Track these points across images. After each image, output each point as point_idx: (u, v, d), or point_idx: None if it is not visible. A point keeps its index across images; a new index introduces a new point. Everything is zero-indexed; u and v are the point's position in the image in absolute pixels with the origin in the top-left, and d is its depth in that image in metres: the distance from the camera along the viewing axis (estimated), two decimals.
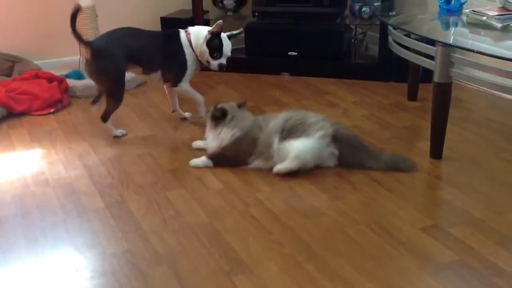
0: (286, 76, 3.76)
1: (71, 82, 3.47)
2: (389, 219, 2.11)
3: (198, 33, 2.87)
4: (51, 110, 3.22)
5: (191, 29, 2.91)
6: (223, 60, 2.85)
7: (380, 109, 3.15)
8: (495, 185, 2.33)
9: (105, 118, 2.82)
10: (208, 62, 2.86)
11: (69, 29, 3.65)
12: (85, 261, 1.93)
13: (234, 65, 3.83)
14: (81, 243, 2.02)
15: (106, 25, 3.78)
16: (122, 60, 2.77)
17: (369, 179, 2.39)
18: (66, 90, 3.40)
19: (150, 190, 2.37)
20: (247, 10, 4.01)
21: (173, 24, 3.86)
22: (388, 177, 2.40)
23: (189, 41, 2.87)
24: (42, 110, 3.21)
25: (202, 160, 2.55)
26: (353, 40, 4.03)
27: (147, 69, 2.88)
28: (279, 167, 2.43)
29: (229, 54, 2.87)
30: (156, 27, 3.92)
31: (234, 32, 2.92)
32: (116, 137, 2.86)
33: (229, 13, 4.05)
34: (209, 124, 2.56)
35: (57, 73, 3.52)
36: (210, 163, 2.53)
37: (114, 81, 2.79)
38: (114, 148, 2.77)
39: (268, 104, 3.27)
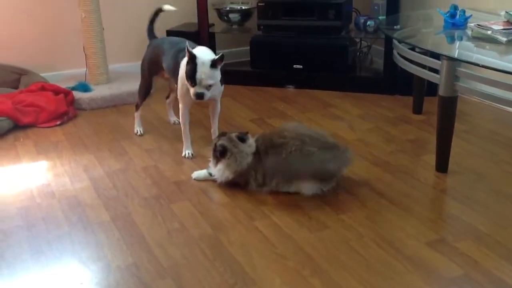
0: (291, 89, 3.77)
1: (77, 94, 3.49)
2: (394, 233, 2.10)
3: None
4: (57, 123, 3.24)
5: (195, 50, 2.60)
6: (198, 89, 2.51)
7: (385, 122, 3.15)
8: (500, 199, 2.32)
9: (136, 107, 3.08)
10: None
11: (75, 42, 3.71)
12: (90, 274, 1.93)
13: (239, 78, 3.88)
14: (86, 256, 2.02)
15: (112, 37, 3.83)
16: (153, 61, 2.89)
17: (373, 193, 2.39)
18: (72, 102, 3.42)
19: (155, 202, 2.38)
20: (252, 23, 4.03)
21: (178, 37, 3.89)
22: (393, 191, 2.40)
23: None
24: (49, 122, 3.22)
25: (204, 172, 2.56)
26: (358, 53, 4.05)
27: (169, 75, 2.88)
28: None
29: (209, 82, 2.50)
30: None
31: (217, 57, 2.52)
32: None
33: (234, 26, 4.07)
34: (211, 155, 2.51)
35: (64, 85, 3.54)
36: (210, 176, 2.53)
37: (141, 74, 3.02)
38: (119, 160, 2.78)
39: (273, 117, 3.28)
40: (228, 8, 4.03)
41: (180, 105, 2.77)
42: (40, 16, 3.79)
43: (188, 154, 2.79)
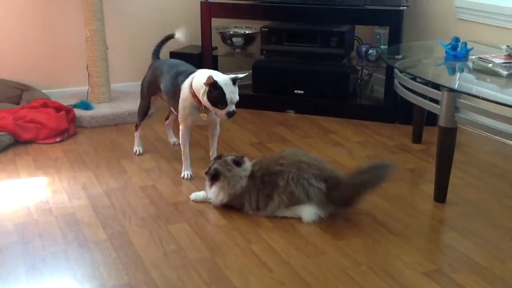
0: (291, 114, 3.79)
1: (78, 112, 3.51)
2: (391, 261, 2.09)
3: (199, 81, 2.61)
4: (58, 139, 3.25)
5: (198, 74, 2.66)
6: (230, 108, 2.57)
7: (385, 150, 3.16)
8: (499, 231, 2.32)
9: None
10: (215, 113, 2.63)
11: (78, 60, 3.73)
12: None
13: (240, 101, 3.88)
14: (82, 274, 2.01)
15: (116, 58, 3.86)
16: (152, 82, 2.95)
17: (372, 221, 2.39)
18: (73, 120, 3.43)
19: (152, 223, 2.37)
20: (254, 48, 4.07)
21: (182, 59, 3.92)
22: (391, 219, 2.40)
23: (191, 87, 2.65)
24: (49, 139, 3.23)
25: (202, 194, 2.56)
26: (359, 81, 4.08)
27: (167, 98, 2.89)
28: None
29: (236, 98, 2.58)
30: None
31: (240, 75, 2.61)
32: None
33: (237, 50, 4.11)
34: (206, 177, 2.52)
35: (65, 103, 3.56)
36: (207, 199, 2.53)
37: (140, 94, 3.09)
38: (118, 179, 2.78)
39: (273, 141, 3.29)
40: (231, 32, 4.08)
41: (181, 127, 2.78)
42: (44, 33, 3.82)
43: (187, 175, 2.79)
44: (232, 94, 2.55)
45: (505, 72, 2.60)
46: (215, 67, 3.99)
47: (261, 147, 3.20)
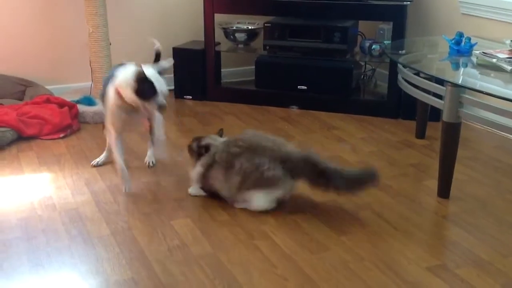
0: (294, 110, 3.78)
1: (81, 108, 3.51)
2: (394, 257, 2.09)
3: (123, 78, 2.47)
4: (61, 135, 3.25)
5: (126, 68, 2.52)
6: (161, 101, 2.42)
7: (388, 146, 3.16)
8: (502, 227, 2.31)
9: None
10: (145, 108, 2.47)
11: (81, 56, 3.73)
12: (88, 287, 1.92)
13: (243, 96, 3.90)
14: (85, 270, 2.01)
15: (118, 54, 3.85)
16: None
17: (375, 216, 2.39)
18: (76, 115, 3.43)
19: (155, 218, 2.37)
20: (257, 43, 4.06)
21: (184, 55, 3.93)
22: (394, 214, 2.40)
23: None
24: (52, 134, 3.23)
25: (195, 188, 2.57)
26: (362, 76, 4.07)
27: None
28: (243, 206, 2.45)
29: (166, 90, 2.46)
30: (168, 56, 3.97)
31: (165, 64, 2.53)
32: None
33: (240, 46, 4.10)
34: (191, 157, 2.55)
35: (68, 98, 3.56)
36: (202, 192, 2.56)
37: None
38: None
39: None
40: (234, 28, 4.07)
41: (111, 136, 2.62)
42: (47, 29, 3.82)
43: (127, 188, 2.60)
44: (162, 86, 2.43)
45: (509, 67, 2.59)
46: (217, 63, 3.99)
47: None
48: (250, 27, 4.08)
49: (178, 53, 3.93)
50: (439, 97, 2.59)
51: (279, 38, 3.80)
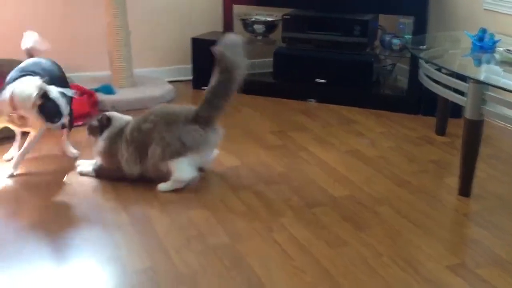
0: (312, 103, 3.76)
1: (101, 96, 3.51)
2: (414, 253, 2.07)
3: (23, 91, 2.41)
4: (80, 123, 3.25)
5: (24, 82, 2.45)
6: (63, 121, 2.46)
7: (407, 142, 3.13)
8: None
9: None
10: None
11: (101, 44, 3.73)
12: (106, 275, 1.93)
13: (261, 88, 3.88)
14: (104, 257, 2.02)
15: (138, 43, 3.86)
16: None
17: (395, 212, 2.37)
18: (95, 104, 3.44)
19: (173, 208, 2.37)
20: (276, 35, 4.04)
21: (203, 45, 3.92)
22: (414, 211, 2.38)
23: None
24: None
25: (85, 165, 2.65)
26: (382, 71, 4.04)
27: None
28: (164, 186, 2.50)
29: (67, 111, 2.51)
30: (187, 47, 3.97)
31: (68, 93, 2.52)
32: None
33: (259, 38, 4.08)
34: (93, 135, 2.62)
35: (88, 86, 3.56)
36: (91, 172, 2.62)
37: None
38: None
39: (294, 130, 3.27)
40: (253, 19, 4.05)
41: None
42: (67, 16, 3.83)
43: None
44: (65, 108, 2.45)
45: None
46: None
47: (282, 136, 3.19)
48: (268, 19, 4.06)
49: (197, 43, 3.93)
50: (461, 93, 2.56)
51: (298, 31, 3.78)
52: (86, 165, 2.66)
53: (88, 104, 3.35)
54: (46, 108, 2.40)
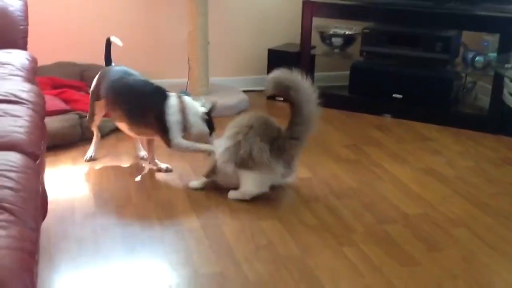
0: (388, 118, 3.70)
1: None
2: (490, 278, 1.99)
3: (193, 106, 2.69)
4: None
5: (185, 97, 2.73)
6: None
7: (487, 162, 3.01)
8: None
9: None
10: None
11: (180, 53, 3.83)
12: (177, 278, 1.97)
13: (336, 102, 3.86)
14: (176, 260, 2.06)
15: (216, 53, 3.93)
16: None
17: (470, 234, 2.28)
18: None
19: (244, 216, 2.39)
20: (353, 49, 4.01)
21: (279, 56, 3.96)
22: (492, 234, 2.28)
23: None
24: None
25: (198, 182, 2.62)
26: (462, 88, 3.92)
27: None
28: (233, 194, 2.53)
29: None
30: (264, 58, 4.02)
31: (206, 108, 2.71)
32: None
33: (336, 50, 4.07)
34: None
35: None
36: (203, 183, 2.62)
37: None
38: None
39: (368, 144, 3.23)
40: (331, 32, 4.04)
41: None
42: (151, 25, 3.96)
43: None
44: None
45: None
46: (311, 66, 3.98)
47: (356, 150, 3.15)
48: (347, 32, 4.03)
49: (273, 55, 3.97)
50: None
51: (377, 45, 3.74)
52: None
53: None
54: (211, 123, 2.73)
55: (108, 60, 2.96)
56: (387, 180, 2.78)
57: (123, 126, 2.78)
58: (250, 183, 2.48)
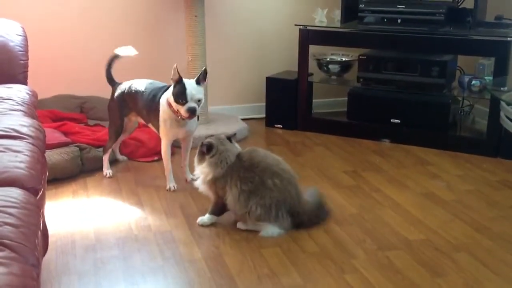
0: (386, 143, 3.72)
1: None
2: None
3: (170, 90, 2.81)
4: (155, 158, 3.37)
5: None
6: (190, 104, 2.69)
7: (486, 186, 3.02)
8: None
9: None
10: (179, 112, 2.75)
11: None
12: None
13: (335, 127, 3.88)
14: None
15: (214, 82, 3.97)
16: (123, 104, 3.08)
17: (472, 259, 2.28)
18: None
19: (245, 245, 2.39)
20: (350, 75, 4.05)
21: (277, 84, 3.99)
22: (494, 259, 2.28)
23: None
24: (146, 157, 3.36)
25: (207, 217, 2.59)
26: (459, 112, 3.94)
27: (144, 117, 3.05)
28: (242, 226, 2.53)
29: (198, 97, 2.71)
30: (262, 86, 4.05)
31: (201, 80, 2.78)
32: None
33: (333, 77, 4.10)
34: (197, 156, 2.59)
35: None
36: (213, 217, 2.58)
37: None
38: None
39: (367, 170, 3.24)
40: (328, 59, 4.08)
41: (163, 142, 2.92)
42: (149, 57, 4.00)
43: (174, 187, 2.95)
44: (194, 90, 2.70)
45: None
46: (309, 93, 4.01)
47: (355, 176, 3.16)
48: (344, 59, 4.08)
49: (271, 82, 4.00)
50: None
51: (374, 71, 3.77)
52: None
53: None
54: (176, 90, 2.76)
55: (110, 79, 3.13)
56: (387, 205, 2.78)
57: None
58: (267, 232, 2.47)
